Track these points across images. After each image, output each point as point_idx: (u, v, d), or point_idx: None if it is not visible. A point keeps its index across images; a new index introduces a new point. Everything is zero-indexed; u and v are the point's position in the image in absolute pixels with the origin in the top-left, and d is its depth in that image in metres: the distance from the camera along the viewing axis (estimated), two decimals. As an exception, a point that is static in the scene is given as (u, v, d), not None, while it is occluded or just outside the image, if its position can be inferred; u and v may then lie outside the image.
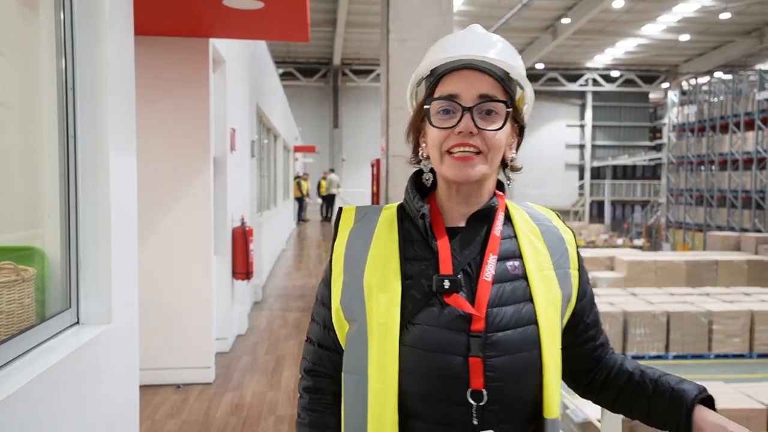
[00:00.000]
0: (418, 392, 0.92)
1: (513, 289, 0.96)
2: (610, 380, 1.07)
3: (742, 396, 5.97)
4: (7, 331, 1.61)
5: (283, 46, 24.16)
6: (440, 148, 0.96)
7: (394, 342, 0.92)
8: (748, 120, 18.65)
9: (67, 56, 1.90)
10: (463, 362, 0.91)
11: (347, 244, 1.01)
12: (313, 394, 1.04)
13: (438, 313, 0.93)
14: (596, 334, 1.08)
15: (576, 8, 19.49)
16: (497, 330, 0.92)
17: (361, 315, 0.95)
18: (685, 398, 0.98)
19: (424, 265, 0.96)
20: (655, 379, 1.02)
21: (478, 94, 0.95)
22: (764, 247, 14.15)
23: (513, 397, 0.92)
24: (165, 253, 4.08)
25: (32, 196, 2.01)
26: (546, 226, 1.05)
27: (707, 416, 0.96)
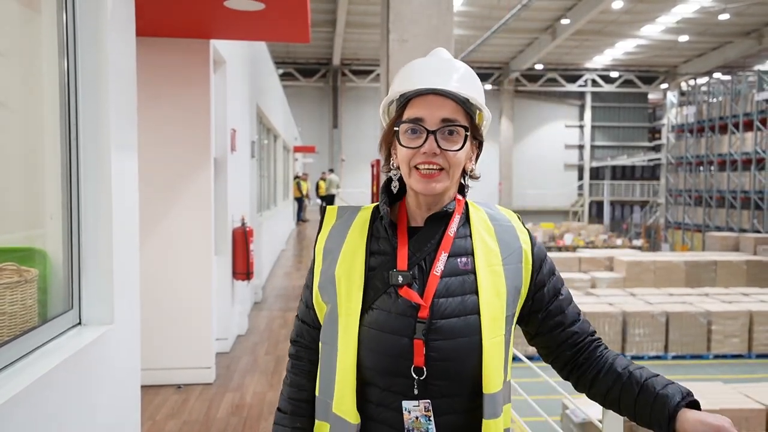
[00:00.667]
0: (373, 365, 1.09)
1: (461, 282, 1.11)
2: (600, 379, 1.15)
3: (741, 396, 5.98)
4: (10, 332, 1.62)
5: (282, 47, 24.16)
6: (408, 163, 1.11)
7: (355, 323, 1.10)
8: (746, 121, 18.68)
9: (69, 57, 1.91)
10: (409, 343, 1.07)
11: (327, 239, 1.19)
12: (295, 360, 1.24)
13: (393, 301, 1.10)
14: (564, 320, 1.18)
15: (575, 9, 19.50)
16: (441, 318, 1.08)
17: (333, 298, 1.13)
18: (669, 402, 1.05)
19: (386, 259, 1.13)
20: (642, 383, 1.10)
21: (441, 118, 1.09)
22: (763, 248, 14.17)
23: (454, 375, 1.08)
24: (165, 254, 4.08)
25: (34, 196, 2.01)
26: (502, 226, 1.18)
27: (689, 416, 1.03)
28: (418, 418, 1.08)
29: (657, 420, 1.05)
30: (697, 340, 9.66)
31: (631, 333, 9.56)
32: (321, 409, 1.16)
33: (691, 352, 9.66)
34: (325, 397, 1.15)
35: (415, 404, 1.08)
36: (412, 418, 1.08)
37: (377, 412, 1.11)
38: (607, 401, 1.15)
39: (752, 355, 9.71)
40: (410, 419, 1.08)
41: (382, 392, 1.10)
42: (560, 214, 30.44)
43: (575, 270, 13.37)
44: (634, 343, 9.54)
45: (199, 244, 4.14)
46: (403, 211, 1.18)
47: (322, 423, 1.16)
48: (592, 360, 1.17)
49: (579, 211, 31.07)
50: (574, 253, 15.67)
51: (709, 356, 9.68)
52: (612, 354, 1.17)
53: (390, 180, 1.20)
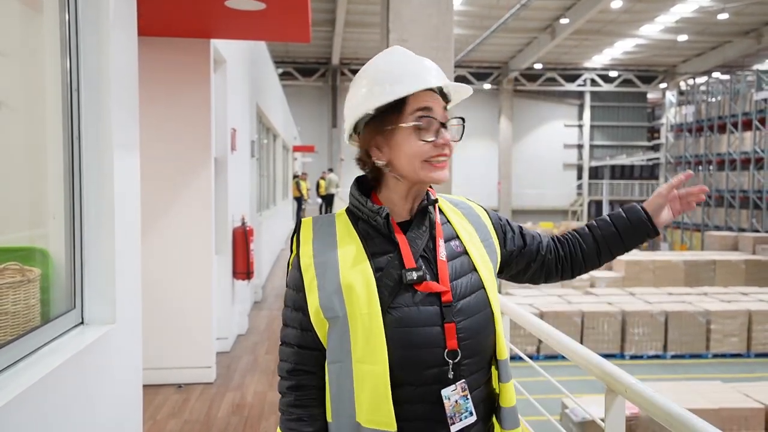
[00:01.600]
0: (403, 364, 1.07)
1: (461, 263, 1.16)
2: (586, 250, 1.33)
3: (741, 395, 5.99)
4: (13, 332, 1.62)
5: (281, 46, 24.14)
6: (420, 157, 1.11)
7: (380, 327, 1.06)
8: (745, 120, 18.70)
9: (71, 57, 1.91)
10: (440, 330, 1.09)
11: (314, 253, 1.14)
12: (298, 392, 1.14)
13: (412, 294, 1.10)
14: (537, 236, 1.33)
15: (574, 8, 19.51)
16: (460, 298, 1.12)
17: (343, 311, 1.08)
18: (638, 211, 1.29)
19: (389, 257, 1.12)
20: (611, 221, 1.32)
21: (443, 110, 1.15)
22: (762, 247, 14.19)
23: (478, 350, 1.13)
24: (166, 253, 4.08)
25: (36, 196, 2.01)
26: (465, 209, 1.26)
27: (651, 201, 1.31)
28: (457, 401, 1.09)
29: (641, 228, 1.29)
30: (696, 340, 9.67)
31: (630, 332, 9.57)
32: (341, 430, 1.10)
33: (690, 351, 9.68)
34: (344, 418, 1.09)
35: (453, 389, 1.09)
36: (453, 404, 1.09)
37: (412, 411, 1.09)
38: (600, 257, 1.33)
39: (751, 354, 9.73)
40: (451, 405, 1.09)
41: (417, 389, 1.09)
42: (559, 214, 30.45)
43: (574, 269, 13.36)
44: (634, 343, 9.55)
45: (199, 243, 4.14)
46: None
47: None
48: (568, 246, 1.34)
49: (578, 210, 31.08)
50: (574, 252, 15.66)
51: (708, 355, 9.70)
52: (569, 233, 1.36)
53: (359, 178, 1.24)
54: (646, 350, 9.61)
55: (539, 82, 29.64)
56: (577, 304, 9.99)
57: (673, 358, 9.65)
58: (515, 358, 2.60)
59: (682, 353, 9.69)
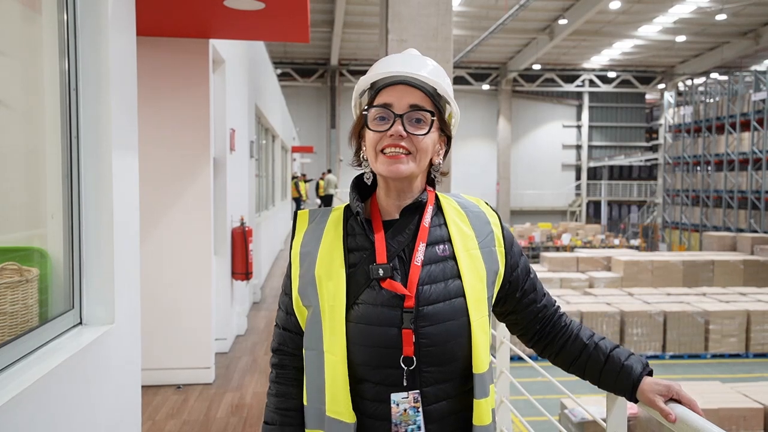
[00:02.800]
0: (363, 360, 1.10)
1: (442, 268, 1.13)
2: (567, 348, 1.25)
3: (739, 395, 6.00)
4: (11, 332, 1.61)
5: (280, 47, 24.14)
6: (375, 148, 1.13)
7: (341, 320, 1.10)
8: (743, 121, 18.73)
9: (69, 57, 1.90)
10: (397, 333, 1.08)
11: (302, 243, 1.19)
12: (279, 370, 1.22)
13: (377, 293, 1.10)
14: (536, 298, 1.25)
15: (573, 9, 19.53)
16: (427, 304, 1.10)
17: (315, 300, 1.13)
18: (633, 373, 1.20)
19: (365, 254, 1.13)
20: (608, 354, 1.22)
21: (409, 104, 1.12)
22: (760, 247, 14.20)
23: (445, 359, 1.10)
24: (165, 254, 4.07)
25: (35, 196, 2.00)
26: (473, 212, 1.22)
27: (646, 382, 1.20)
28: (406, 410, 1.09)
29: (622, 387, 1.21)
30: (695, 340, 9.69)
31: (629, 333, 9.58)
32: (312, 417, 1.15)
33: (689, 351, 9.69)
34: (315, 404, 1.14)
35: (404, 396, 1.09)
36: (401, 411, 1.09)
37: (372, 408, 1.11)
38: (572, 368, 1.25)
39: (749, 355, 9.74)
40: (398, 412, 1.09)
41: (376, 386, 1.10)
42: (558, 214, 30.47)
43: (573, 270, 13.39)
44: (632, 343, 9.56)
45: (198, 244, 4.14)
46: (375, 206, 1.19)
47: (315, 431, 1.15)
48: (557, 330, 1.26)
49: (576, 211, 31.11)
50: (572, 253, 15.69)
51: (707, 356, 9.71)
52: (575, 324, 1.27)
53: (361, 176, 1.22)
54: (644, 350, 9.61)
55: (538, 82, 29.66)
56: (576, 304, 10.00)
57: (671, 358, 9.66)
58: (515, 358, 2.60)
59: (680, 353, 9.70)
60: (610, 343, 1.24)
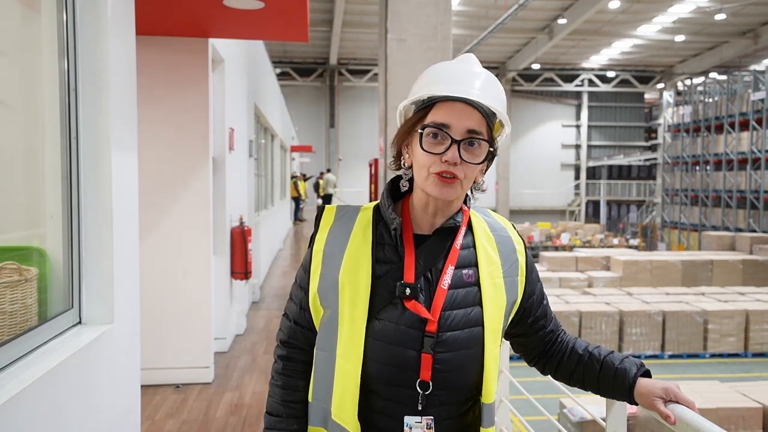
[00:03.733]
0: (378, 375, 1.09)
1: (465, 295, 1.11)
2: (564, 362, 1.26)
3: (738, 395, 6.00)
4: (11, 332, 1.61)
5: (279, 46, 24.12)
6: (428, 169, 1.09)
7: (361, 333, 1.08)
8: (742, 120, 18.73)
9: (69, 56, 1.90)
10: (416, 356, 1.08)
11: (326, 240, 1.15)
12: (286, 362, 1.20)
13: (399, 313, 1.09)
14: (546, 323, 1.26)
15: (572, 9, 19.53)
16: (447, 330, 1.09)
17: (334, 304, 1.11)
18: (628, 375, 1.20)
19: (392, 267, 1.11)
20: (602, 360, 1.22)
21: (467, 129, 1.08)
22: (759, 247, 14.21)
23: (456, 385, 1.10)
24: (164, 253, 4.07)
25: (34, 195, 2.00)
26: (502, 237, 1.20)
27: (643, 383, 1.19)
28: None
29: (619, 390, 1.21)
30: (694, 339, 9.70)
31: (628, 332, 9.59)
32: (316, 414, 1.15)
33: (688, 351, 9.70)
34: (321, 403, 1.14)
35: (417, 420, 1.08)
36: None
37: (377, 420, 1.10)
38: (572, 380, 1.26)
39: (748, 354, 9.75)
40: None
41: (385, 402, 1.10)
42: (557, 214, 30.48)
43: (572, 269, 13.40)
44: (631, 342, 9.57)
45: (197, 243, 4.14)
46: (407, 217, 1.16)
47: (317, 428, 1.15)
48: (556, 347, 1.27)
49: (576, 210, 31.12)
50: (571, 252, 15.70)
51: (706, 355, 9.72)
52: (571, 338, 1.28)
53: (396, 181, 1.19)
54: (643, 350, 9.62)
55: (537, 82, 29.66)
56: (575, 304, 10.01)
57: (670, 357, 9.67)
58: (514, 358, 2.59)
59: (679, 353, 9.71)
60: (605, 350, 1.25)
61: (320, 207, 1.22)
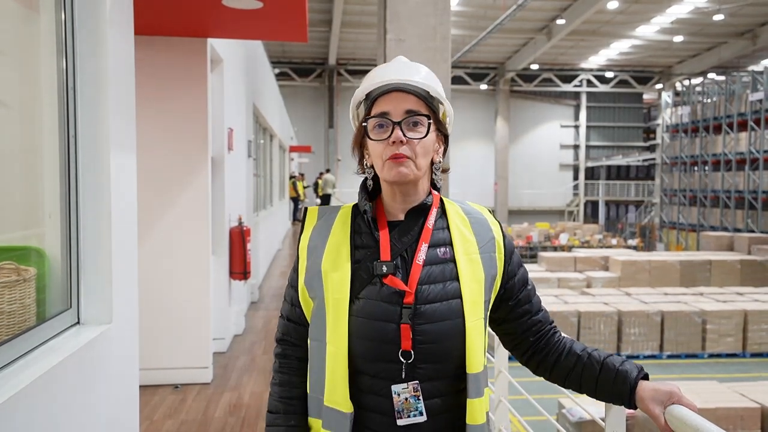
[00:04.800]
0: (362, 353, 1.14)
1: (441, 270, 1.17)
2: (561, 362, 1.25)
3: (736, 395, 6.01)
4: (9, 332, 1.61)
5: (278, 46, 24.11)
6: (381, 158, 1.17)
7: (344, 312, 1.14)
8: (741, 121, 18.76)
9: (67, 56, 1.90)
10: (395, 328, 1.13)
11: (310, 237, 1.24)
12: (282, 359, 1.27)
13: (378, 289, 1.15)
14: (531, 308, 1.27)
15: (570, 9, 19.55)
16: (425, 303, 1.14)
17: (320, 292, 1.18)
18: (629, 377, 1.20)
19: (369, 251, 1.19)
20: (602, 362, 1.22)
21: (405, 110, 1.17)
22: (757, 247, 14.23)
23: (439, 357, 1.14)
24: (163, 253, 4.07)
25: (33, 195, 2.00)
26: (476, 219, 1.25)
27: (645, 386, 1.19)
28: (407, 399, 1.13)
29: (619, 393, 1.20)
30: (692, 340, 9.71)
31: (626, 332, 9.60)
32: (313, 405, 1.20)
33: (686, 351, 9.71)
34: (316, 394, 1.18)
35: (404, 386, 1.13)
36: (402, 400, 1.13)
37: (368, 400, 1.15)
38: (567, 381, 1.26)
39: (746, 354, 9.77)
40: (400, 401, 1.13)
41: (372, 379, 1.15)
42: (556, 214, 30.50)
43: (571, 270, 13.41)
44: (630, 343, 9.58)
45: (196, 243, 4.13)
46: (380, 208, 1.24)
47: (315, 420, 1.19)
48: (551, 345, 1.27)
49: (574, 210, 31.14)
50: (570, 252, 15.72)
51: (704, 355, 9.73)
52: (568, 339, 1.29)
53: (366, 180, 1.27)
54: (642, 350, 9.63)
55: (536, 82, 29.68)
56: (574, 304, 10.01)
57: (669, 358, 9.68)
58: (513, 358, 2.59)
59: (678, 353, 9.72)
60: (604, 352, 1.25)
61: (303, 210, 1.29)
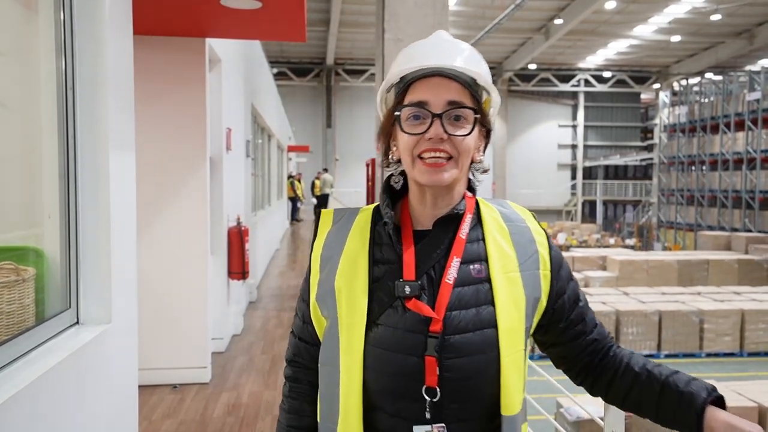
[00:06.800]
0: (379, 388, 0.98)
1: (474, 292, 0.99)
2: (617, 380, 1.07)
3: (734, 394, 6.03)
4: (8, 332, 1.60)
5: (276, 46, 24.09)
6: (411, 152, 0.99)
7: (360, 341, 0.98)
8: (738, 120, 18.81)
9: (66, 56, 1.89)
10: (418, 361, 0.96)
11: (324, 245, 1.07)
12: (292, 383, 1.13)
13: (400, 316, 0.98)
14: (585, 329, 1.09)
15: (568, 9, 19.57)
16: (455, 332, 0.96)
17: (333, 312, 1.01)
18: (695, 400, 0.99)
19: (391, 268, 1.01)
20: (663, 380, 1.03)
21: (447, 101, 0.98)
22: (754, 247, 14.27)
23: (470, 396, 0.97)
24: (162, 253, 4.06)
25: (32, 195, 2.00)
26: (518, 227, 1.06)
27: (718, 416, 0.97)
28: None
29: (683, 420, 1.00)
30: (690, 339, 9.72)
31: (624, 332, 9.61)
32: None
33: (684, 350, 9.72)
34: (328, 423, 1.04)
35: (427, 428, 0.96)
36: None
37: None
38: (626, 403, 1.07)
39: (744, 354, 9.79)
40: None
41: (391, 418, 0.99)
42: (553, 214, 30.53)
43: (569, 269, 13.41)
44: (628, 342, 9.58)
45: (195, 243, 4.13)
46: (406, 213, 1.06)
47: None
48: (606, 361, 1.09)
49: (572, 210, 31.18)
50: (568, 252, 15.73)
51: (702, 354, 9.75)
52: (626, 352, 1.10)
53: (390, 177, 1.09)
54: (640, 349, 9.64)
55: (533, 82, 29.70)
56: (572, 303, 10.02)
57: (666, 357, 9.69)
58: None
59: (675, 352, 9.74)
60: (667, 369, 1.05)
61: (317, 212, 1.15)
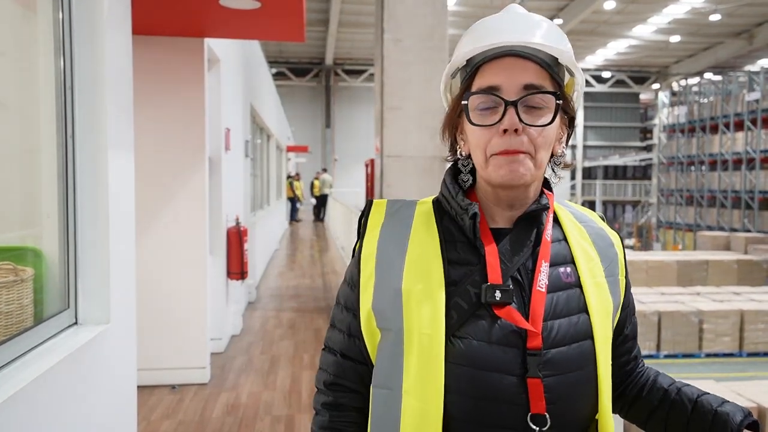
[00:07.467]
0: (465, 416, 0.82)
1: (567, 299, 0.87)
2: (643, 397, 0.98)
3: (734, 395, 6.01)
4: (6, 332, 1.60)
5: (275, 46, 24.09)
6: (485, 151, 0.85)
7: (439, 357, 0.82)
8: (737, 121, 18.82)
9: (65, 56, 1.90)
10: (517, 383, 0.81)
11: (379, 243, 0.90)
12: (333, 411, 0.93)
13: (488, 327, 0.83)
14: (633, 346, 1.01)
15: (568, 9, 19.58)
16: (552, 346, 0.83)
17: (398, 324, 0.85)
18: (730, 423, 0.89)
19: (469, 270, 0.85)
20: (695, 399, 0.93)
21: (523, 85, 0.83)
22: (754, 247, 14.29)
23: (568, 421, 0.84)
24: (160, 253, 4.06)
25: (30, 195, 2.00)
26: (593, 229, 0.96)
27: None
28: None
29: None
30: (689, 339, 9.73)
31: (623, 332, 9.63)
32: None
33: (683, 350, 9.73)
34: None
35: None
36: None
37: None
38: (651, 422, 0.97)
39: (743, 354, 9.79)
40: None
41: None
42: (553, 214, 30.55)
43: (568, 269, 13.42)
44: (627, 342, 9.61)
45: (193, 243, 4.13)
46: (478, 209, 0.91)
47: None
48: (632, 378, 1.00)
49: (571, 210, 31.19)
50: (567, 252, 15.71)
51: (701, 355, 9.75)
52: (653, 370, 1.02)
53: (456, 169, 0.94)
54: (639, 350, 9.66)
55: (533, 82, 29.72)
56: (571, 303, 10.02)
57: (666, 357, 9.69)
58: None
59: (675, 353, 9.74)
60: (697, 389, 0.96)
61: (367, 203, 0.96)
